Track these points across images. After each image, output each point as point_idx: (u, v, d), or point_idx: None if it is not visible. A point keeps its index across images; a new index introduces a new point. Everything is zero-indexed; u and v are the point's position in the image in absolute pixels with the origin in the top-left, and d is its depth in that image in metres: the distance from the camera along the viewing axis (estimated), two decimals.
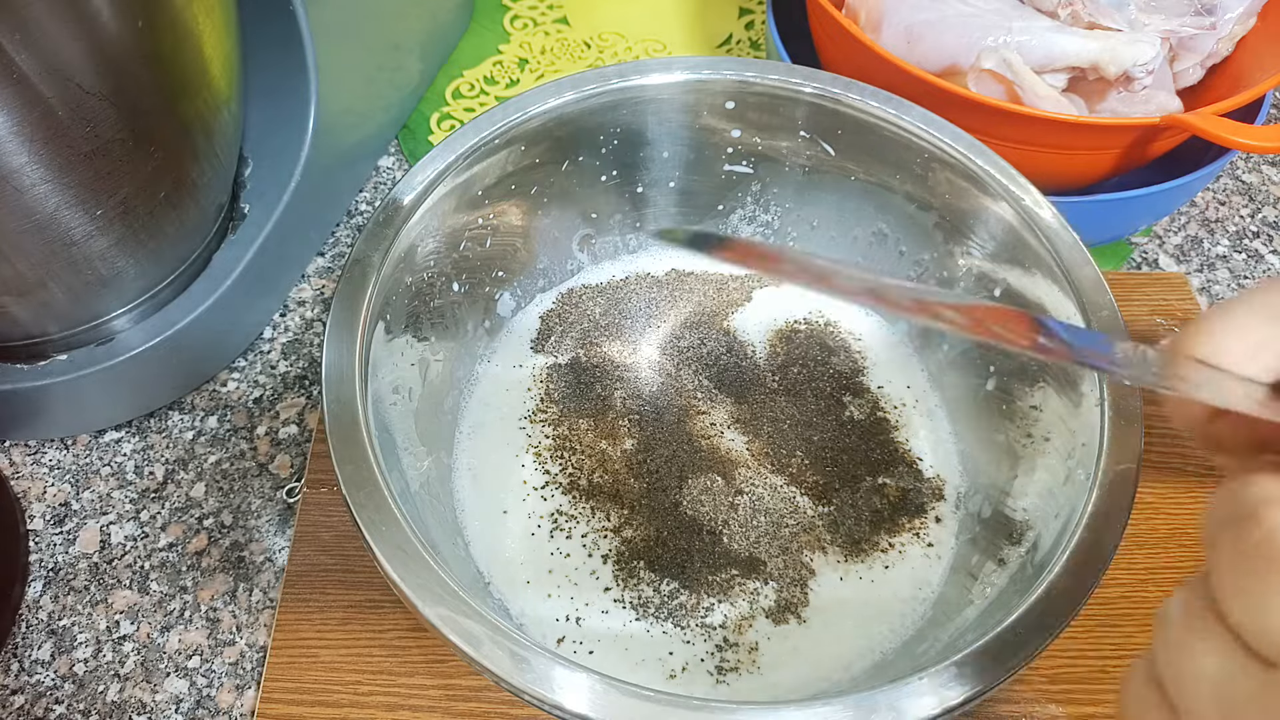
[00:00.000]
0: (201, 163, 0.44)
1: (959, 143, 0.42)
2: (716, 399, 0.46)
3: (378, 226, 0.38)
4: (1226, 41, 0.53)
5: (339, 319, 0.36)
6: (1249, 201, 0.61)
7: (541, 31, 0.69)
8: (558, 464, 0.44)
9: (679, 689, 0.38)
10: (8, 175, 0.35)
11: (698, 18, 0.71)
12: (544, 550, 0.42)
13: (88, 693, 0.42)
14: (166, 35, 0.38)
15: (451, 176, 0.41)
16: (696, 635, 0.39)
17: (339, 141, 0.54)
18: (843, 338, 0.49)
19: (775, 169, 0.48)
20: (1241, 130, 0.46)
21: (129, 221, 0.41)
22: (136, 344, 0.46)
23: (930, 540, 0.42)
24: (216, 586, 0.45)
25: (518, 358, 0.48)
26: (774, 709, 0.28)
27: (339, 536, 0.45)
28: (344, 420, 0.34)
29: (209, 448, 0.49)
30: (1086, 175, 0.52)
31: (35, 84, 0.33)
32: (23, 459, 0.49)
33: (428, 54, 0.63)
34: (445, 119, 0.64)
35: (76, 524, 0.46)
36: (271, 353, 0.53)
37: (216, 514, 0.47)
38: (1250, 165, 0.63)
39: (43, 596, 0.44)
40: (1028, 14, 0.50)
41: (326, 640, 0.42)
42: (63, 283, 0.42)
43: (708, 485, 0.43)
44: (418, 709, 0.40)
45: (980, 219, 0.42)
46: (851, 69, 0.50)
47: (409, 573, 0.31)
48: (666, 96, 0.45)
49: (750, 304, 0.50)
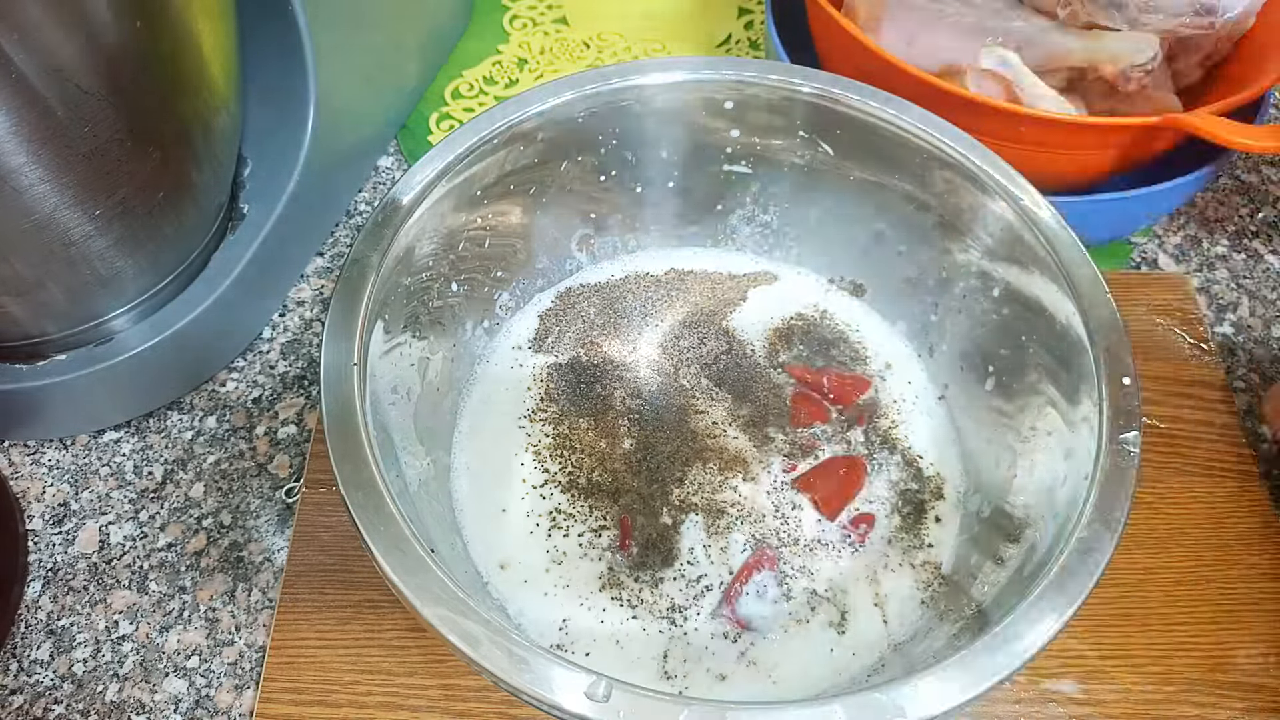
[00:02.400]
0: (200, 163, 0.44)
1: (958, 143, 0.42)
2: (716, 397, 0.46)
3: (376, 226, 0.38)
4: (1225, 41, 0.53)
5: (337, 319, 0.36)
6: (1248, 201, 0.61)
7: (541, 31, 0.69)
8: (557, 462, 0.44)
9: (677, 688, 0.38)
10: (6, 175, 0.35)
11: (697, 18, 0.71)
12: (542, 549, 0.42)
13: (87, 693, 0.42)
14: (165, 35, 0.38)
15: (450, 176, 0.41)
16: (695, 634, 0.39)
17: (338, 141, 0.54)
18: (840, 329, 0.49)
19: (774, 169, 0.48)
20: (1240, 130, 0.46)
21: (128, 222, 0.41)
22: (135, 344, 0.46)
23: (930, 540, 0.42)
24: (215, 586, 0.45)
25: (517, 357, 0.48)
26: (774, 709, 0.28)
27: (338, 536, 0.45)
28: (342, 420, 0.34)
29: (208, 448, 0.49)
30: (1085, 175, 0.52)
31: (34, 84, 0.33)
32: (22, 459, 0.49)
33: (427, 54, 0.63)
34: (444, 119, 0.64)
35: (75, 524, 0.46)
36: (270, 353, 0.53)
37: (215, 514, 0.47)
38: (1249, 165, 0.63)
39: (42, 596, 0.44)
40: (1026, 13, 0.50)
41: (325, 640, 0.42)
42: (61, 283, 0.42)
43: (707, 483, 0.43)
44: (416, 709, 0.40)
45: (979, 219, 0.42)
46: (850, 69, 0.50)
47: (407, 573, 0.30)
48: (666, 96, 0.45)
49: (746, 303, 0.50)
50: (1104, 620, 0.43)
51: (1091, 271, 0.38)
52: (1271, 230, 0.60)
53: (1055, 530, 0.34)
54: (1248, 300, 0.56)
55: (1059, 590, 0.31)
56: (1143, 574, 0.45)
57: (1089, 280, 0.38)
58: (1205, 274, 0.57)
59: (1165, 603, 0.44)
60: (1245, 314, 0.56)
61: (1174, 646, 0.43)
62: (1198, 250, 0.59)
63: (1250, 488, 0.47)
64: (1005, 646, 0.30)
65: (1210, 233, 0.59)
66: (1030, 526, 0.37)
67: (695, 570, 0.41)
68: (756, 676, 0.39)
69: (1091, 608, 0.31)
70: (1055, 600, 0.31)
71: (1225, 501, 0.47)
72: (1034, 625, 0.30)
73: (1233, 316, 0.55)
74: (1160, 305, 0.54)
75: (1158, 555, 0.45)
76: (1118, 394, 0.35)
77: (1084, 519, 0.32)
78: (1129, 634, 0.43)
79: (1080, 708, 0.41)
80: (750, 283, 0.51)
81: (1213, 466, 0.48)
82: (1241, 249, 0.59)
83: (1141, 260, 0.58)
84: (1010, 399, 0.42)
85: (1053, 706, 0.41)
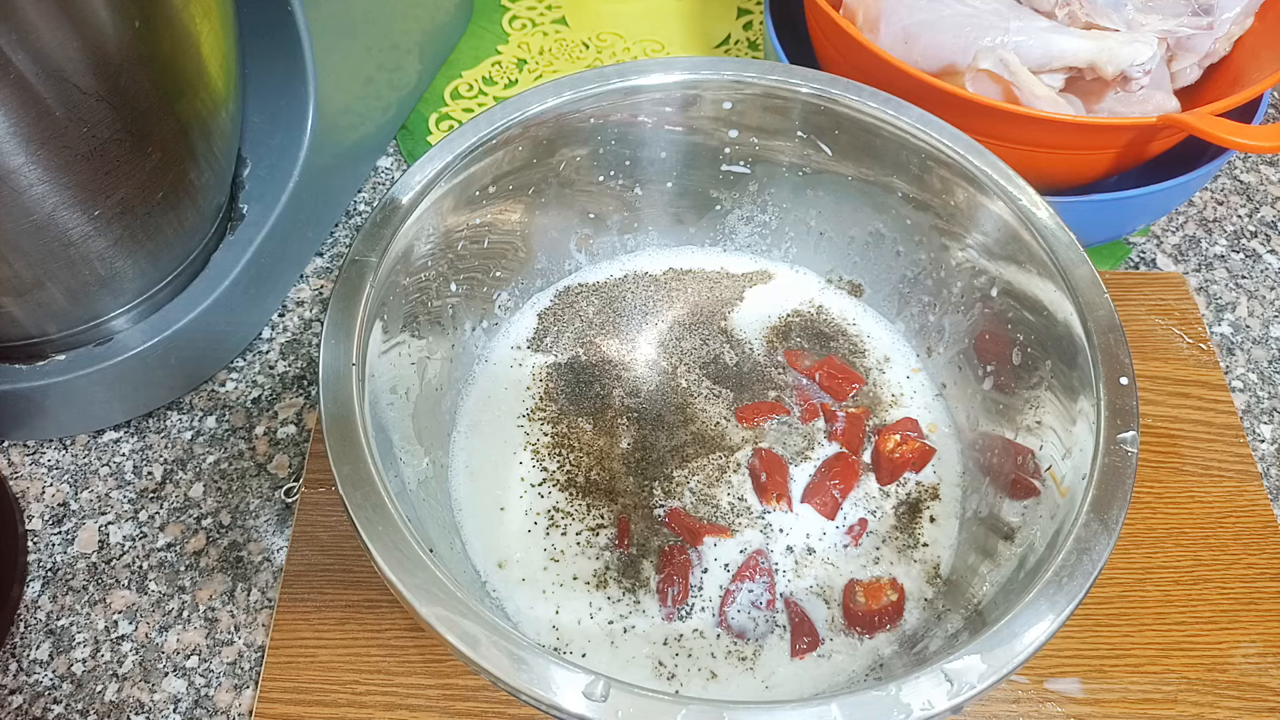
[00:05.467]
0: (200, 163, 0.44)
1: (956, 143, 0.42)
2: (716, 396, 0.46)
3: (375, 226, 0.38)
4: (1224, 41, 0.53)
5: (336, 320, 0.36)
6: (1247, 201, 0.61)
7: (540, 32, 0.69)
8: (555, 461, 0.44)
9: (673, 688, 0.38)
10: (5, 176, 0.35)
11: (696, 18, 0.71)
12: (540, 547, 0.42)
13: (86, 692, 0.42)
14: (164, 35, 0.38)
15: (449, 177, 0.41)
16: (691, 634, 0.39)
17: (337, 142, 0.54)
18: (838, 324, 0.49)
19: (773, 169, 0.48)
20: (1239, 130, 0.46)
21: (127, 222, 0.41)
22: (135, 344, 0.46)
23: (926, 540, 0.42)
24: (215, 586, 0.45)
25: (516, 356, 0.48)
26: (770, 708, 0.29)
27: (337, 536, 0.45)
28: (341, 420, 0.34)
29: (207, 448, 0.49)
30: (1084, 175, 0.52)
31: (33, 84, 0.33)
32: (21, 459, 0.49)
33: (426, 54, 0.63)
34: (444, 119, 0.64)
35: (75, 524, 0.47)
36: (270, 353, 0.53)
37: (215, 514, 0.47)
38: (1248, 165, 0.63)
39: (41, 596, 0.44)
40: (1025, 14, 0.50)
41: (324, 640, 0.42)
42: (61, 283, 0.42)
43: (705, 482, 0.43)
44: (415, 708, 0.40)
45: (977, 219, 0.42)
46: (849, 69, 0.50)
47: (406, 572, 0.31)
48: (665, 97, 0.45)
49: (744, 302, 0.50)
50: (1102, 620, 0.43)
51: (1089, 271, 0.38)
52: (1270, 230, 0.60)
53: (1052, 530, 0.34)
54: (1246, 300, 0.56)
55: (1056, 589, 0.31)
56: (1140, 573, 0.45)
57: (1087, 280, 0.38)
58: (1204, 274, 0.57)
59: (1163, 602, 0.44)
60: (1244, 314, 0.56)
61: (1172, 646, 0.43)
62: (1196, 250, 0.59)
63: (1248, 487, 0.47)
64: (1003, 646, 0.30)
65: (1209, 232, 0.60)
66: (1027, 526, 0.37)
67: (694, 568, 0.41)
68: (751, 677, 0.39)
69: (1089, 607, 0.31)
70: (1053, 599, 0.31)
71: (1223, 501, 0.47)
72: (1031, 624, 0.30)
73: (1231, 316, 0.55)
74: (1158, 305, 0.54)
75: (1155, 555, 0.45)
76: (1115, 394, 0.35)
77: (1081, 518, 0.32)
78: (1127, 633, 0.43)
79: (1078, 707, 0.41)
80: (748, 282, 0.51)
81: (1210, 466, 0.48)
82: (1240, 249, 0.59)
83: (1140, 260, 0.58)
84: (1008, 398, 0.42)
85: (1051, 706, 0.41)
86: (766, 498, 0.43)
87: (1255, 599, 0.44)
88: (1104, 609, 0.43)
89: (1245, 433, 0.50)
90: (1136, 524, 0.46)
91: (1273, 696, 0.42)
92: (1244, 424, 0.50)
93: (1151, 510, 0.47)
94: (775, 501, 0.43)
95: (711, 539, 0.42)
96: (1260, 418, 0.51)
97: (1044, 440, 0.39)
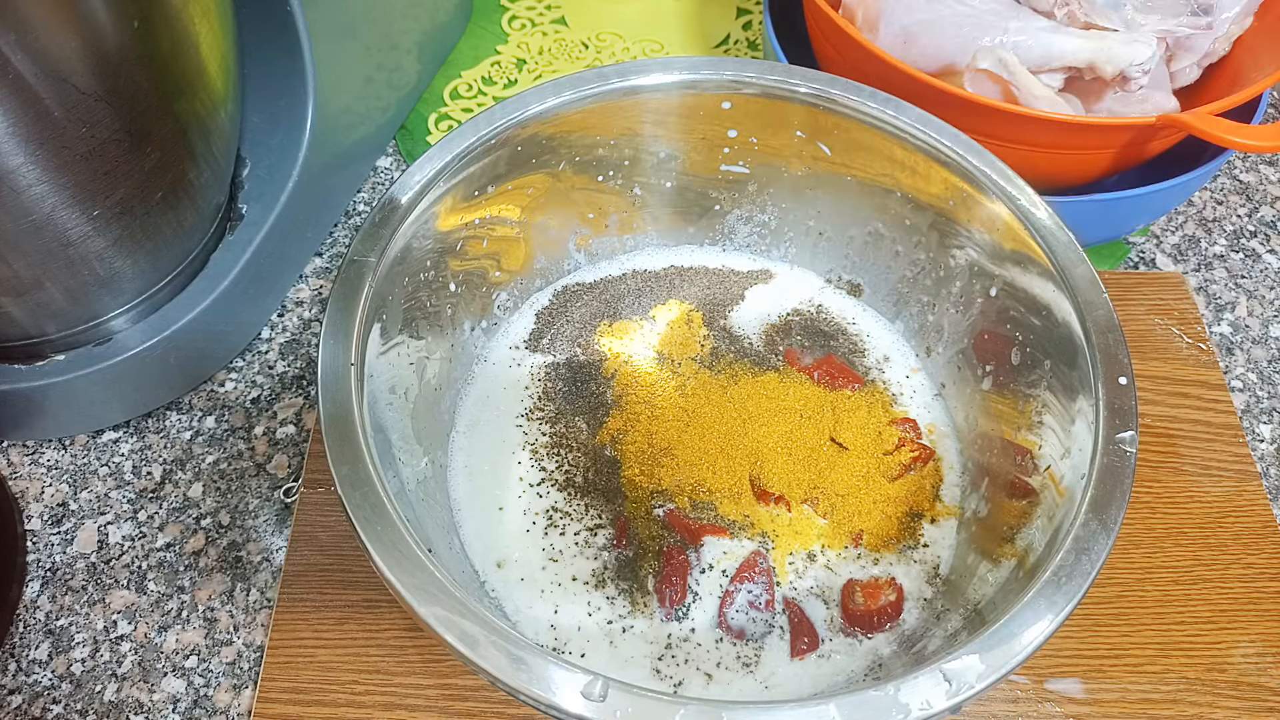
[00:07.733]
0: (199, 163, 0.44)
1: (955, 143, 0.42)
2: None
3: (374, 227, 0.38)
4: (1223, 41, 0.53)
5: (334, 320, 0.36)
6: (1246, 201, 0.61)
7: (539, 32, 0.69)
8: (554, 461, 0.44)
9: (671, 687, 0.38)
10: (4, 176, 0.35)
11: (696, 18, 0.71)
12: (538, 547, 0.42)
13: (85, 692, 0.42)
14: (163, 35, 0.38)
15: (449, 176, 0.41)
16: (689, 634, 0.39)
17: (337, 142, 0.54)
18: (838, 323, 0.49)
19: (772, 169, 0.48)
20: (1238, 130, 0.46)
21: (126, 222, 0.41)
22: (134, 344, 0.46)
23: (926, 540, 0.42)
24: (214, 586, 0.45)
25: (514, 356, 0.48)
26: (769, 708, 0.29)
27: (336, 536, 0.45)
28: (340, 420, 0.34)
29: (207, 448, 0.49)
30: (1083, 175, 0.52)
31: (31, 84, 0.33)
32: (20, 459, 0.49)
33: (426, 54, 0.63)
34: (443, 119, 0.64)
35: (74, 524, 0.47)
36: (269, 353, 0.53)
37: (214, 514, 0.47)
38: (1248, 165, 0.63)
39: (40, 596, 0.44)
40: (1024, 14, 0.50)
41: (323, 640, 0.42)
42: (60, 283, 0.42)
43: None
44: (414, 708, 0.40)
45: (976, 219, 0.42)
46: (848, 69, 0.50)
47: (405, 572, 0.31)
48: (664, 96, 0.45)
49: (744, 302, 0.50)
50: (1101, 620, 0.43)
51: (1088, 271, 0.38)
52: (1269, 230, 0.60)
53: (1052, 530, 0.34)
54: (1245, 300, 0.56)
55: (1055, 589, 0.31)
56: (1140, 573, 0.45)
57: (1086, 280, 0.38)
58: (1203, 273, 0.57)
59: (1162, 602, 0.44)
60: (1243, 313, 0.56)
61: (1171, 646, 0.43)
62: (1195, 250, 0.59)
63: (1247, 487, 0.47)
64: (1001, 645, 0.30)
65: (1208, 232, 0.60)
66: (1026, 526, 0.37)
67: (693, 567, 0.41)
68: (750, 677, 0.39)
69: (1088, 607, 0.31)
70: (1052, 599, 0.31)
71: (1222, 501, 0.47)
72: (1030, 624, 0.30)
73: (1230, 316, 0.55)
74: (1158, 305, 0.54)
75: (1154, 555, 0.45)
76: (1114, 393, 0.35)
77: (1080, 518, 0.32)
78: (1126, 633, 0.43)
79: (1077, 707, 0.41)
80: (748, 281, 0.51)
81: (1210, 466, 0.48)
82: (1239, 248, 0.59)
83: (1139, 260, 0.58)
84: (1007, 398, 0.42)
85: (1050, 706, 0.41)
86: (766, 499, 0.43)
87: (1254, 599, 0.44)
88: (1103, 609, 0.43)
89: (1244, 432, 0.50)
90: (1135, 524, 0.46)
91: (1272, 696, 0.42)
92: (1243, 424, 0.50)
93: (1150, 510, 0.47)
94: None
95: (711, 539, 0.42)
96: (1259, 417, 0.51)
97: (1043, 440, 0.39)
